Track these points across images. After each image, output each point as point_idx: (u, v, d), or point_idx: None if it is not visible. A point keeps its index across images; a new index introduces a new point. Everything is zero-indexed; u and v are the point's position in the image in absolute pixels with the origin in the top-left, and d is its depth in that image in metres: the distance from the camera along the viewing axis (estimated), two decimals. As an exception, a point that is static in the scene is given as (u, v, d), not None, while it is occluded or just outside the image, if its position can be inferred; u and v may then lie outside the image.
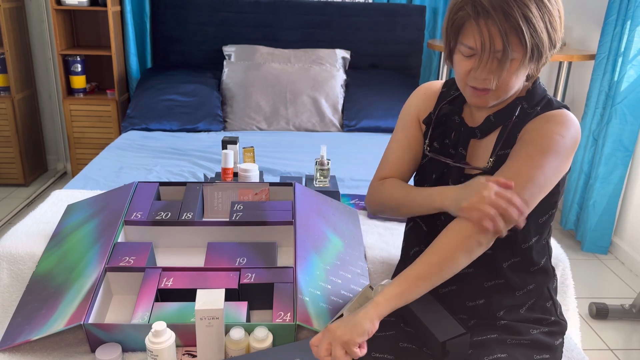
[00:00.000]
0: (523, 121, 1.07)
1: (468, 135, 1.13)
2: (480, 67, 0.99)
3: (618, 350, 2.11)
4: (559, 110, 1.05)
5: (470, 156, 1.14)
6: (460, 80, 1.05)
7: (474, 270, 1.13)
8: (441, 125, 1.18)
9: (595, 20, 2.90)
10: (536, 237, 1.13)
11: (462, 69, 1.02)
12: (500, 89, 1.02)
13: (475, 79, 1.01)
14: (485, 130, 1.11)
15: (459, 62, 1.03)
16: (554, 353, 1.13)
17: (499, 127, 1.10)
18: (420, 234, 1.20)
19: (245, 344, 1.20)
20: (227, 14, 3.29)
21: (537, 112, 1.07)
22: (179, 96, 3.00)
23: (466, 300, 1.15)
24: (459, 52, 1.02)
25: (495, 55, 0.97)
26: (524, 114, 1.08)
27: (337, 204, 1.70)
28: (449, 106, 1.17)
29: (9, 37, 3.08)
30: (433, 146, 1.18)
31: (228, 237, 1.54)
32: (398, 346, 1.12)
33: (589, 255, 2.81)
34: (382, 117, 2.98)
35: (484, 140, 1.12)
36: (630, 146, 2.66)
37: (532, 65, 1.02)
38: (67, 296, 1.29)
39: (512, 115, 1.08)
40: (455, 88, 1.19)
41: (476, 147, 1.13)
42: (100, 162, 2.36)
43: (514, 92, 1.07)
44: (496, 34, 0.95)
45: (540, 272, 1.16)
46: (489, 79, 1.00)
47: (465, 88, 1.05)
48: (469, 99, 1.07)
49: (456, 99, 1.17)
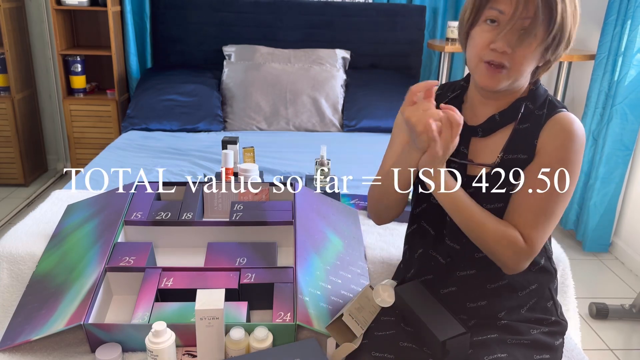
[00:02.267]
0: (535, 126, 1.07)
1: (469, 134, 1.13)
2: (502, 36, 0.98)
3: (618, 350, 2.11)
4: (566, 115, 1.06)
5: (473, 154, 1.13)
6: (475, 56, 1.03)
7: (476, 272, 1.13)
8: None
9: (595, 20, 2.89)
10: None
11: (482, 40, 1.01)
12: (512, 69, 1.00)
13: (493, 51, 0.99)
14: (488, 129, 1.11)
15: (480, 33, 1.01)
16: (555, 353, 1.13)
17: (505, 126, 1.10)
18: (427, 237, 1.19)
19: (245, 344, 1.20)
20: (227, 14, 3.29)
21: (544, 114, 1.07)
22: (179, 96, 3.00)
23: (467, 302, 1.15)
24: (483, 22, 1.01)
25: (522, 24, 0.97)
26: (532, 115, 1.08)
27: (337, 204, 1.70)
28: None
29: (9, 37, 3.08)
30: None
31: (228, 237, 1.54)
32: (398, 345, 1.12)
33: (589, 255, 2.81)
34: (382, 117, 2.98)
35: (489, 140, 1.11)
36: (630, 146, 2.66)
37: (547, 51, 1.01)
38: (67, 296, 1.29)
39: (517, 115, 1.08)
40: (451, 90, 1.18)
41: (479, 146, 1.12)
42: (100, 162, 2.36)
43: (521, 82, 1.06)
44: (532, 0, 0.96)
45: (541, 271, 1.16)
46: (507, 53, 0.99)
47: (479, 65, 1.03)
48: (480, 78, 1.03)
49: (454, 99, 1.17)
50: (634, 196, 2.73)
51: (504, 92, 1.08)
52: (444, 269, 1.16)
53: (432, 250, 1.18)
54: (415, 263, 1.23)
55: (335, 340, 1.20)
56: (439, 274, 1.17)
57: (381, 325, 1.19)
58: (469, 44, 1.05)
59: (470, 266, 1.14)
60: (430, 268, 1.19)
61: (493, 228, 1.04)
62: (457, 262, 1.15)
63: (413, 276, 1.23)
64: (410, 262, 1.25)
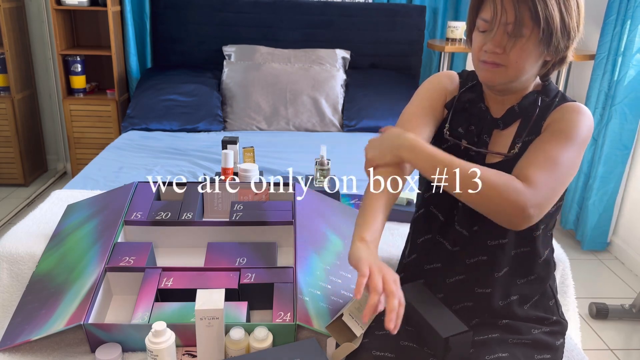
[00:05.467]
0: (545, 111, 1.10)
1: (492, 125, 1.14)
2: (490, 39, 1.03)
3: (618, 350, 2.11)
4: (577, 103, 1.09)
5: (491, 145, 1.15)
6: (474, 57, 1.09)
7: (485, 259, 1.14)
8: (463, 111, 1.18)
9: (595, 19, 2.90)
10: (544, 225, 1.13)
11: (476, 44, 1.07)
12: (510, 67, 1.04)
13: (485, 52, 1.05)
14: (508, 122, 1.13)
15: (475, 38, 1.08)
16: (555, 353, 1.13)
17: (520, 118, 1.12)
18: (436, 222, 1.20)
19: (245, 344, 1.20)
20: (227, 14, 3.29)
21: (556, 103, 1.10)
22: (179, 96, 3.00)
23: (475, 288, 1.16)
24: (477, 28, 1.07)
25: (506, 29, 1.01)
26: (545, 105, 1.11)
27: (337, 204, 1.70)
28: (472, 93, 1.18)
29: (9, 37, 3.08)
30: (458, 131, 1.18)
31: (228, 237, 1.54)
32: (399, 344, 1.12)
33: (589, 255, 2.81)
34: (382, 117, 2.98)
35: (505, 131, 1.14)
36: (629, 145, 2.66)
37: (544, 47, 1.02)
38: (67, 296, 1.29)
39: (536, 107, 1.11)
40: (471, 79, 1.21)
41: (497, 137, 1.14)
42: (100, 162, 2.36)
43: (526, 78, 1.08)
44: (509, 6, 0.99)
45: (543, 264, 1.16)
46: (497, 53, 1.03)
47: (478, 64, 1.09)
48: (480, 74, 1.09)
49: (474, 86, 1.19)
50: (632, 195, 2.73)
51: (511, 89, 1.10)
52: (451, 255, 1.16)
53: (440, 236, 1.18)
54: (418, 248, 1.23)
55: (335, 340, 1.20)
56: (445, 261, 1.18)
57: (381, 324, 1.19)
58: (472, 47, 1.11)
59: (480, 253, 1.14)
60: (436, 254, 1.19)
61: (490, 174, 0.99)
62: (466, 249, 1.15)
63: (415, 262, 1.24)
64: (413, 247, 1.25)
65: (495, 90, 1.12)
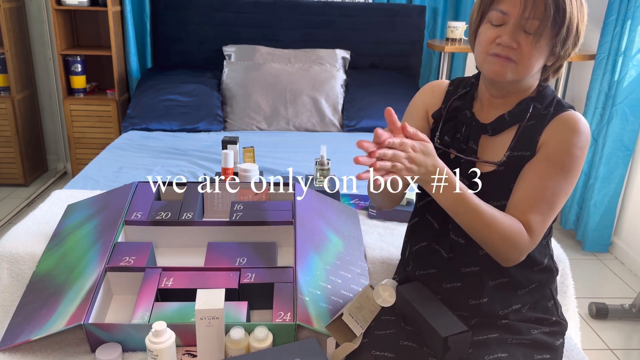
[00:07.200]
0: (540, 123, 1.08)
1: (479, 131, 1.14)
2: (508, 32, 1.00)
3: (618, 350, 2.11)
4: (572, 113, 1.07)
5: (481, 152, 1.14)
6: (482, 51, 1.05)
7: (479, 269, 1.13)
8: (451, 119, 1.18)
9: (595, 20, 2.89)
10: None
11: (487, 37, 1.04)
12: (520, 64, 1.03)
13: (499, 45, 1.02)
14: (498, 128, 1.12)
15: (485, 31, 1.05)
16: (555, 353, 1.13)
17: (512, 126, 1.11)
18: (431, 231, 1.20)
19: (245, 344, 1.20)
20: (227, 14, 3.29)
21: (551, 113, 1.08)
22: (179, 96, 3.00)
23: (469, 299, 1.15)
24: (488, 21, 1.04)
25: (526, 24, 0.99)
26: (538, 114, 1.09)
27: (337, 204, 1.70)
28: (460, 101, 1.18)
29: (9, 37, 3.08)
30: (444, 140, 1.18)
31: (228, 237, 1.54)
32: (398, 344, 1.12)
33: (589, 255, 2.81)
34: (382, 117, 2.97)
35: (496, 138, 1.13)
36: (630, 146, 2.66)
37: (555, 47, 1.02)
38: (67, 296, 1.29)
39: (526, 115, 1.10)
40: (462, 86, 1.20)
41: (488, 144, 1.14)
42: (100, 162, 2.36)
43: (527, 81, 1.08)
44: (540, 2, 0.98)
45: (544, 271, 1.16)
46: (513, 47, 1.01)
47: (486, 58, 1.05)
48: (490, 68, 1.05)
49: (465, 95, 1.18)
50: (634, 196, 2.73)
51: (513, 90, 1.10)
52: (446, 263, 1.16)
53: (435, 244, 1.18)
54: (413, 256, 1.23)
55: (335, 339, 1.20)
56: (441, 268, 1.18)
57: (381, 324, 1.19)
58: (477, 42, 1.08)
59: (475, 262, 1.14)
60: (431, 262, 1.19)
61: (500, 227, 1.02)
62: (461, 257, 1.15)
63: (413, 270, 1.24)
64: (409, 256, 1.25)
65: (499, 88, 1.10)
